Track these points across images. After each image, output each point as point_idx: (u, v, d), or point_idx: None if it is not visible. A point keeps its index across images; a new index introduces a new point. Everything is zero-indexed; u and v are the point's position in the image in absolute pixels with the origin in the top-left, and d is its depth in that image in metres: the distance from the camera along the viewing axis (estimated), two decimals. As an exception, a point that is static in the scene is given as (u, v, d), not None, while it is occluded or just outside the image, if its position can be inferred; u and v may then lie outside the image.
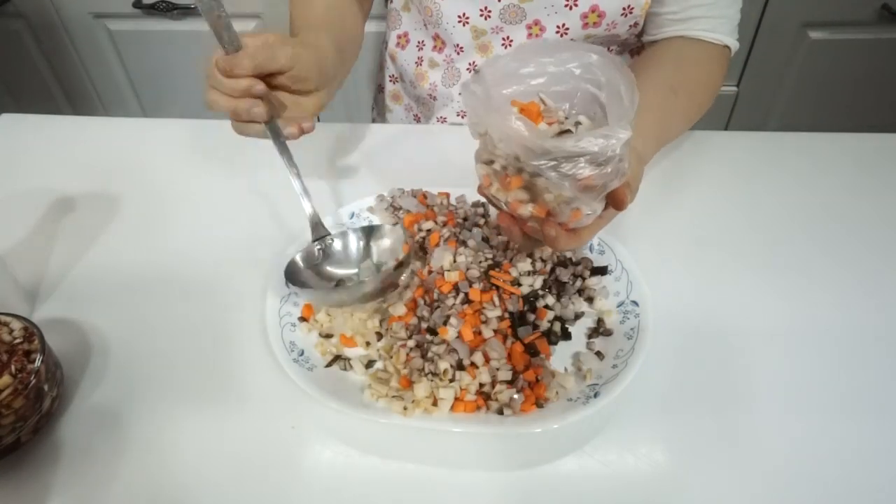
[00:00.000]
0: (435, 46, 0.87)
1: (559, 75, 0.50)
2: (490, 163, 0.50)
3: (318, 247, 0.63)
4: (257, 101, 0.57)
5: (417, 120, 0.97)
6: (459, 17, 0.81)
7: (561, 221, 0.50)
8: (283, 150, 0.60)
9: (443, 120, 0.92)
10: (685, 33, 0.75)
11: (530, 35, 0.81)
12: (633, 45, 0.86)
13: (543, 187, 0.47)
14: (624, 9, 0.77)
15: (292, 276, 0.60)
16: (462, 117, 0.90)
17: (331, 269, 0.63)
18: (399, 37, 0.91)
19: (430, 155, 0.81)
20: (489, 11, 0.79)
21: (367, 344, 0.59)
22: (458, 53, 0.85)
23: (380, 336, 0.60)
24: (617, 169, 0.46)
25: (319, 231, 0.63)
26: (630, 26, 0.80)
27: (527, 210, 0.50)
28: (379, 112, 1.06)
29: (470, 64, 0.86)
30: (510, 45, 0.82)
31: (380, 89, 1.03)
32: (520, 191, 0.49)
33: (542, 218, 0.50)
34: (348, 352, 0.59)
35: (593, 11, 0.77)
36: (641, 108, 0.67)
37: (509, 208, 0.51)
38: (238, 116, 0.58)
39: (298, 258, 0.61)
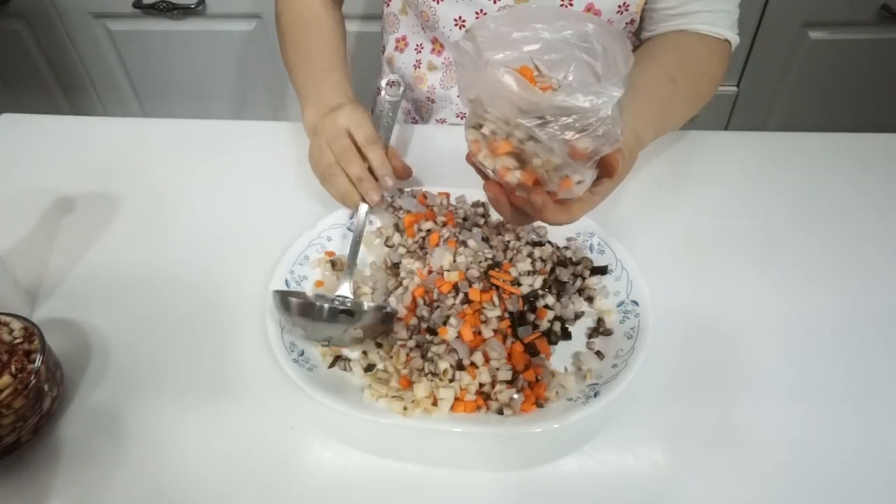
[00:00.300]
0: (433, 49, 0.87)
1: (553, 43, 0.48)
2: (479, 127, 0.48)
3: (335, 300, 0.61)
4: (377, 185, 0.67)
5: (415, 122, 0.97)
6: (455, 20, 0.81)
7: (550, 190, 0.48)
8: (362, 229, 0.66)
9: (442, 121, 0.91)
10: (685, 27, 0.75)
11: None
12: (632, 45, 0.86)
13: (532, 153, 0.45)
14: (619, 6, 0.76)
15: (284, 301, 0.58)
16: (461, 118, 0.90)
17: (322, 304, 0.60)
18: (397, 40, 0.91)
19: (430, 155, 0.81)
20: (485, 14, 0.79)
21: (365, 353, 0.59)
22: None
23: (379, 345, 0.60)
24: (608, 134, 0.44)
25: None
26: (626, 24, 0.80)
27: (514, 177, 0.47)
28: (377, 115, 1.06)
29: None
30: None
31: (378, 92, 1.03)
32: (508, 157, 0.47)
33: (529, 186, 0.48)
34: (348, 353, 0.59)
35: (589, 10, 0.77)
36: (641, 92, 0.65)
37: (497, 176, 0.48)
38: (360, 185, 0.66)
39: (290, 299, 0.59)
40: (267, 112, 1.70)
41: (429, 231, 0.66)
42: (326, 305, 0.58)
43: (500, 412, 0.53)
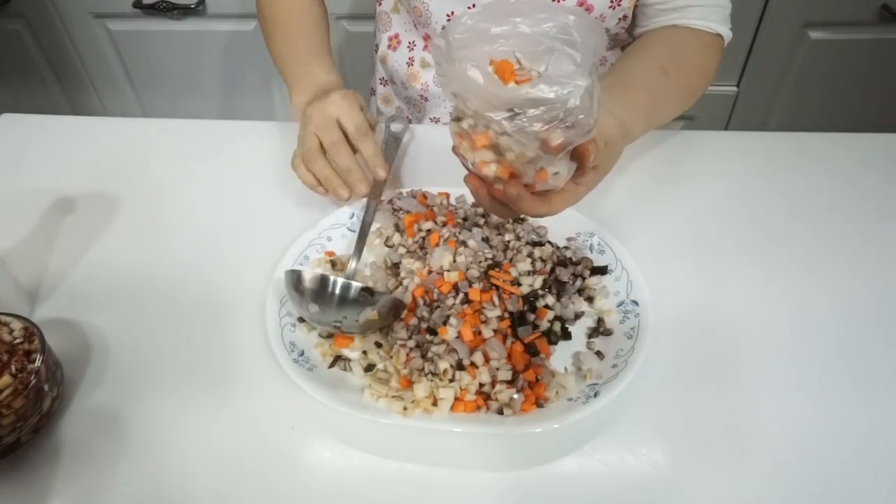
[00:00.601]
0: (426, 46, 0.87)
1: (534, 36, 0.47)
2: (460, 121, 0.48)
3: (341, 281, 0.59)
4: (365, 177, 0.67)
5: (409, 122, 0.97)
6: (448, 15, 0.80)
7: (527, 183, 0.48)
8: (368, 222, 0.67)
9: (436, 120, 0.91)
10: (676, 22, 0.75)
11: None
12: (625, 41, 0.86)
13: (506, 146, 0.46)
14: (612, 1, 0.76)
15: (296, 284, 0.58)
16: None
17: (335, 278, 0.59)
18: (390, 38, 0.91)
19: (430, 155, 0.81)
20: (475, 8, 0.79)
21: (365, 353, 0.59)
22: None
23: (379, 345, 0.59)
24: (579, 124, 0.44)
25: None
26: (619, 20, 0.79)
27: (491, 170, 0.47)
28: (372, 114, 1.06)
29: None
30: None
31: (371, 92, 1.03)
32: (485, 150, 0.47)
33: (506, 179, 0.48)
34: (348, 353, 0.59)
35: (581, 6, 0.76)
36: (632, 84, 0.64)
37: (476, 169, 0.49)
38: (349, 176, 0.66)
39: (305, 275, 0.59)
40: (267, 112, 1.70)
41: (429, 231, 0.66)
42: (342, 281, 0.58)
43: (500, 412, 0.53)
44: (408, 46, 0.89)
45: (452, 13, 0.80)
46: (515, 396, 0.53)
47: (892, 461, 0.51)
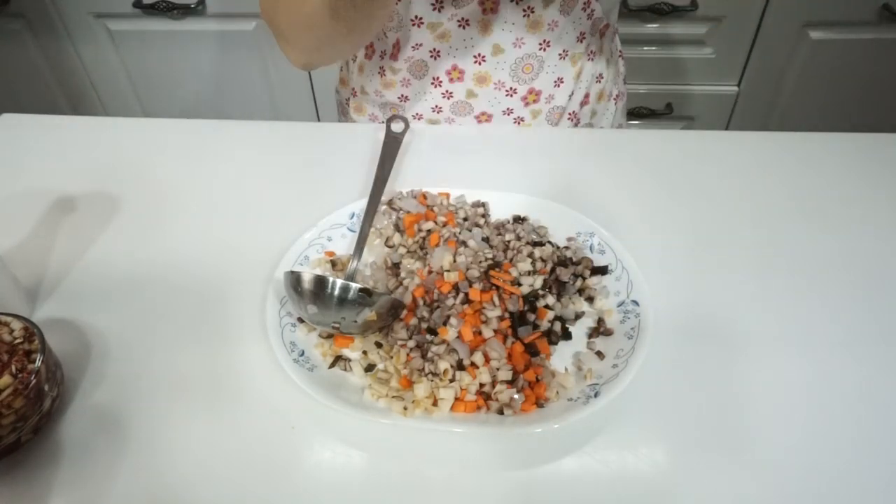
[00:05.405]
0: (392, 54, 0.84)
1: None
2: None
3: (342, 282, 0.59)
4: None
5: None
6: (412, 20, 0.78)
7: None
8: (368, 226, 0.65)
9: (418, 117, 0.89)
10: None
11: (483, 9, 0.78)
12: (603, 25, 0.84)
13: None
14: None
15: (295, 285, 0.58)
16: (436, 111, 0.88)
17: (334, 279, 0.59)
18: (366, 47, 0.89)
19: (431, 155, 0.81)
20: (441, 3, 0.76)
21: (365, 353, 0.59)
22: (416, 50, 0.82)
23: (379, 345, 0.59)
24: None
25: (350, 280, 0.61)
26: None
27: None
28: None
29: (431, 52, 0.83)
30: (465, 24, 0.79)
31: (346, 103, 1.01)
32: None
33: None
34: (349, 353, 0.59)
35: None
36: None
37: None
38: None
39: (304, 276, 0.58)
40: (267, 112, 1.70)
41: (429, 231, 0.66)
42: (340, 282, 0.58)
43: (501, 412, 0.53)
44: (379, 56, 0.87)
45: (418, 17, 0.78)
46: (516, 396, 0.53)
47: (894, 459, 0.51)
